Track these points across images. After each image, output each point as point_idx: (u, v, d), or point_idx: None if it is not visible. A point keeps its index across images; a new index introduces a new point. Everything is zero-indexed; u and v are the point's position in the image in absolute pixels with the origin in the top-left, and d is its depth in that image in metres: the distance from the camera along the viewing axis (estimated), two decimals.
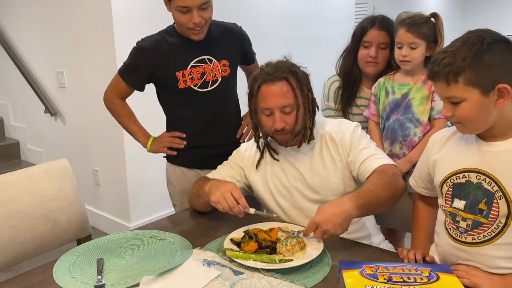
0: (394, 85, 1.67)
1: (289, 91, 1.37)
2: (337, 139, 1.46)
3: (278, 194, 1.50)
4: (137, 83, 1.74)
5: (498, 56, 0.99)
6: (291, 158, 1.49)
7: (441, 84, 1.04)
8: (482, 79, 0.99)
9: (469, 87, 1.00)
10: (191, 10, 1.53)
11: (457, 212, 1.12)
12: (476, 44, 0.99)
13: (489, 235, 1.07)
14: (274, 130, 1.40)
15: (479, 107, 1.02)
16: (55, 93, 3.29)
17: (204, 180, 1.52)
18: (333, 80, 1.92)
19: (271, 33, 3.66)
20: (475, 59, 0.98)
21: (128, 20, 2.69)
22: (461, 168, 1.12)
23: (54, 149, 3.51)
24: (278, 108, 1.37)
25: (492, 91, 1.00)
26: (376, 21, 1.75)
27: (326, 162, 1.46)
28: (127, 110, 1.81)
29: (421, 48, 1.58)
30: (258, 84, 1.39)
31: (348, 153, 1.44)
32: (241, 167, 1.57)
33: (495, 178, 1.06)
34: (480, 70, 0.98)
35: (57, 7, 3.03)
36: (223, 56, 1.70)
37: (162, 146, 1.79)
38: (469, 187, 1.10)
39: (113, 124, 2.83)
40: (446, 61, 1.01)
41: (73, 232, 1.61)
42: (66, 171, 1.62)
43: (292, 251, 1.20)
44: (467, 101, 1.02)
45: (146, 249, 1.29)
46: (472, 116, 1.04)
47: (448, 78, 1.01)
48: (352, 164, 1.43)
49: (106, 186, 3.10)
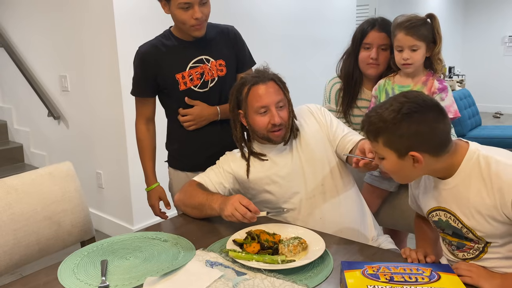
0: (394, 87, 1.68)
1: (278, 88, 1.50)
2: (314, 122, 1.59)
3: (273, 185, 1.53)
4: (147, 90, 1.75)
5: (412, 127, 1.04)
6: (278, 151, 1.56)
7: (367, 137, 1.15)
8: (396, 144, 1.07)
9: (386, 148, 1.09)
10: (193, 6, 1.55)
11: (445, 236, 1.20)
12: (394, 112, 1.05)
13: (474, 254, 1.15)
14: (271, 127, 1.47)
15: (398, 166, 1.10)
16: (58, 96, 3.32)
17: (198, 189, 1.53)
18: (334, 82, 1.93)
19: (272, 35, 3.68)
20: (397, 123, 1.05)
21: (130, 24, 2.71)
22: (432, 207, 1.20)
23: (57, 153, 3.53)
24: (274, 103, 1.46)
25: (406, 156, 1.06)
26: (376, 23, 1.76)
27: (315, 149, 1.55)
28: (147, 141, 1.82)
29: (422, 49, 1.59)
30: (248, 87, 1.48)
31: (326, 126, 1.58)
32: (230, 173, 1.58)
33: (455, 215, 1.13)
34: (396, 135, 1.06)
35: (60, 11, 3.05)
36: (219, 55, 1.71)
37: (152, 204, 1.86)
38: (443, 223, 1.17)
39: (115, 127, 2.87)
40: (371, 120, 1.10)
41: (77, 235, 1.62)
42: (70, 174, 1.63)
43: (294, 252, 1.21)
44: (387, 159, 1.10)
45: (150, 250, 1.30)
46: (395, 171, 1.12)
47: (370, 136, 1.12)
48: (332, 139, 1.57)
49: (109, 189, 3.11)
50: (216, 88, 1.73)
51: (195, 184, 1.58)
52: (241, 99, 1.50)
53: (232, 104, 1.53)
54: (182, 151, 1.83)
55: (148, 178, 1.84)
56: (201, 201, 1.48)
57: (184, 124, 1.73)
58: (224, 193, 1.59)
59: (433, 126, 1.06)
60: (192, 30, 1.61)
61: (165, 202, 1.85)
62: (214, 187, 1.57)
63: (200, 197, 1.50)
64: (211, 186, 1.57)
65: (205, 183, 1.58)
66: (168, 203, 1.86)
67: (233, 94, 1.53)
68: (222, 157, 1.64)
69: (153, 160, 1.84)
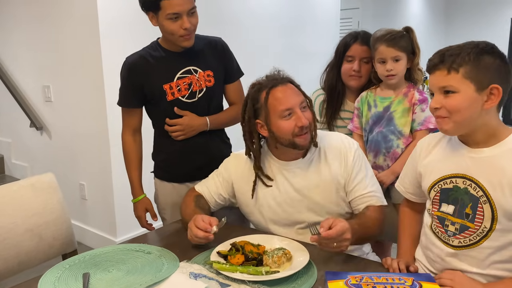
0: (376, 99, 1.71)
1: (297, 90, 1.42)
2: (339, 156, 1.45)
3: (267, 208, 1.50)
4: (134, 100, 1.74)
5: (497, 61, 1.07)
6: (286, 172, 1.47)
7: (441, 72, 1.09)
8: (479, 76, 1.05)
9: (466, 80, 1.06)
10: (181, 16, 1.56)
11: (446, 216, 1.16)
12: (481, 45, 1.07)
13: (474, 239, 1.11)
14: (298, 130, 1.37)
15: (470, 102, 1.07)
16: (41, 107, 3.28)
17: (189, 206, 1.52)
18: (318, 94, 1.96)
19: (258, 47, 3.71)
20: (478, 56, 1.05)
21: (115, 35, 2.71)
22: (449, 173, 1.16)
23: (39, 164, 3.48)
24: (298, 104, 1.38)
25: (485, 90, 1.06)
26: (358, 36, 1.81)
27: (323, 181, 1.44)
28: (134, 153, 1.81)
29: (404, 60, 1.63)
30: (267, 91, 1.39)
31: (349, 175, 1.44)
32: (229, 182, 1.56)
33: (480, 184, 1.10)
34: (480, 67, 1.05)
35: (44, 21, 3.03)
36: (207, 66, 1.72)
37: (139, 216, 1.84)
38: (456, 192, 1.14)
39: (99, 138, 2.85)
40: (452, 52, 1.07)
41: (59, 247, 1.60)
42: (52, 185, 1.61)
43: (278, 263, 1.21)
44: (460, 93, 1.07)
45: (133, 262, 1.28)
46: (462, 109, 1.07)
47: (451, 66, 1.06)
48: (349, 192, 1.45)
49: (92, 200, 3.07)
50: (205, 99, 1.73)
51: (193, 195, 1.57)
52: (259, 106, 1.40)
53: (248, 115, 1.43)
54: (169, 161, 1.82)
55: (135, 189, 1.83)
56: (189, 215, 1.47)
57: (172, 134, 1.73)
58: (225, 202, 1.59)
59: (510, 68, 1.09)
60: (181, 41, 1.62)
61: (152, 214, 1.84)
62: (212, 197, 1.57)
63: (190, 209, 1.50)
64: (209, 196, 1.57)
65: (203, 192, 1.58)
66: (154, 214, 1.85)
67: (247, 104, 1.44)
68: (225, 161, 1.60)
69: (140, 171, 1.83)
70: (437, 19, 8.13)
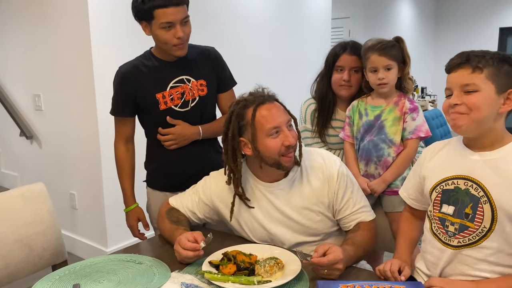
0: (367, 107, 1.73)
1: (283, 108, 1.40)
2: (321, 177, 1.43)
3: (253, 231, 1.49)
4: (127, 109, 1.74)
5: None
6: (269, 194, 1.45)
7: (465, 70, 1.13)
8: (500, 79, 1.11)
9: (488, 81, 1.11)
10: (174, 26, 1.57)
11: (446, 217, 1.18)
12: (501, 53, 1.14)
13: (474, 239, 1.13)
14: (285, 149, 1.35)
15: (490, 102, 1.11)
16: (31, 116, 3.26)
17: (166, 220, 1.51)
18: (310, 103, 1.97)
19: (249, 56, 3.73)
20: (500, 62, 1.12)
21: (106, 43, 2.70)
22: (451, 175, 1.19)
23: (29, 173, 3.45)
24: (285, 123, 1.36)
25: (503, 94, 1.11)
26: (347, 46, 1.82)
27: (307, 202, 1.43)
28: (127, 162, 1.80)
29: (395, 69, 1.65)
30: (254, 108, 1.35)
31: (335, 195, 1.43)
32: (207, 203, 1.54)
33: (481, 184, 1.13)
34: (501, 72, 1.11)
35: (35, 30, 3.03)
36: (200, 76, 1.73)
37: (131, 226, 1.83)
38: (457, 193, 1.16)
39: (90, 147, 2.84)
40: (477, 53, 1.13)
41: (49, 258, 1.58)
42: (42, 195, 1.60)
43: (270, 272, 1.21)
44: (481, 92, 1.11)
45: (124, 273, 1.27)
46: (482, 107, 1.11)
47: (477, 66, 1.11)
48: (337, 211, 1.45)
49: (83, 210, 3.05)
50: (197, 108, 1.73)
51: (165, 211, 1.56)
52: (244, 123, 1.36)
53: (232, 132, 1.38)
54: (161, 171, 1.82)
55: (127, 198, 1.82)
56: (167, 235, 1.47)
57: (165, 143, 1.73)
58: (199, 221, 1.58)
59: None
60: (174, 50, 1.63)
61: (144, 223, 1.83)
62: (187, 214, 1.56)
63: (167, 228, 1.49)
64: (184, 212, 1.56)
65: (178, 208, 1.57)
66: (146, 224, 1.84)
67: (231, 120, 1.39)
68: (204, 180, 1.57)
69: (132, 181, 1.83)
70: (427, 28, 8.24)
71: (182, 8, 1.57)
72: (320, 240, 1.47)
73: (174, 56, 1.66)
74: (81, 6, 2.63)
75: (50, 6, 2.86)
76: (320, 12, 4.62)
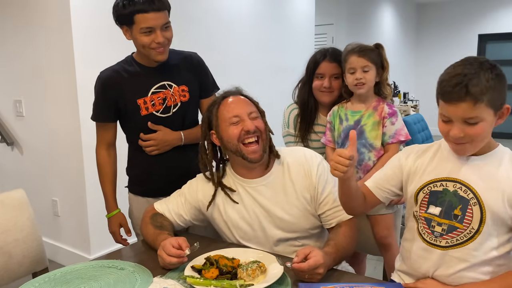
0: (347, 113, 1.75)
1: (249, 101, 1.49)
2: (302, 172, 1.47)
3: (237, 229, 1.51)
4: (108, 115, 1.73)
5: (503, 81, 1.10)
6: (252, 190, 1.49)
7: (467, 104, 1.05)
8: (496, 99, 1.08)
9: (488, 108, 1.07)
10: (155, 31, 1.57)
11: (432, 217, 1.19)
12: (493, 68, 1.07)
13: (462, 239, 1.15)
14: (244, 134, 1.41)
15: (490, 126, 1.10)
16: (12, 122, 3.21)
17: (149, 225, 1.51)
18: (292, 108, 1.99)
19: (233, 60, 3.74)
20: (496, 81, 1.06)
21: (89, 48, 2.69)
22: (439, 177, 1.20)
23: (10, 180, 3.39)
24: (246, 113, 1.44)
25: (499, 111, 1.09)
26: (327, 53, 1.85)
27: (289, 197, 1.46)
28: (108, 167, 1.79)
29: (373, 71, 1.68)
30: (218, 102, 1.47)
31: (315, 188, 1.46)
32: (193, 204, 1.55)
33: (470, 187, 1.14)
34: (496, 91, 1.06)
35: (15, 34, 2.99)
36: (182, 81, 1.73)
37: (113, 231, 1.82)
38: (445, 195, 1.17)
39: (73, 153, 2.81)
40: (474, 82, 1.04)
41: (29, 265, 1.56)
42: (23, 201, 1.58)
43: (252, 276, 1.22)
44: (484, 122, 1.08)
45: (105, 279, 1.26)
46: (484, 135, 1.10)
47: (478, 97, 1.04)
48: (318, 206, 1.47)
49: (65, 216, 3.01)
50: (179, 113, 1.74)
51: (149, 216, 1.56)
52: (212, 117, 1.48)
53: (204, 127, 1.50)
54: (143, 176, 1.81)
55: (109, 204, 1.81)
56: (151, 240, 1.47)
57: (146, 149, 1.73)
58: (185, 224, 1.59)
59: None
60: (154, 54, 1.63)
61: (126, 229, 1.82)
62: (172, 218, 1.56)
63: (150, 233, 1.49)
64: (169, 216, 1.57)
65: (163, 212, 1.57)
66: (129, 230, 1.82)
67: (204, 117, 1.52)
68: (189, 183, 1.60)
69: (114, 186, 1.82)
70: (409, 34, 8.38)
71: (163, 13, 1.58)
72: (304, 236, 1.49)
73: (155, 61, 1.66)
74: (63, 11, 2.62)
75: (32, 11, 2.83)
76: (304, 18, 4.67)
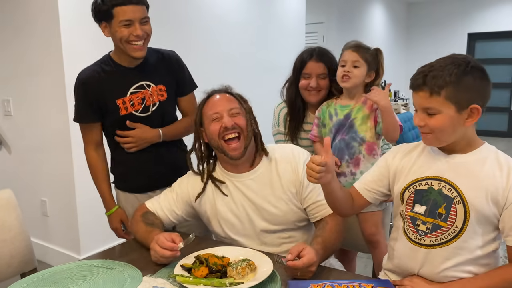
0: (337, 108, 1.76)
1: (233, 98, 1.52)
2: (289, 168, 1.50)
3: (225, 221, 1.53)
4: (91, 115, 1.73)
5: (477, 81, 1.10)
6: (239, 184, 1.52)
7: (424, 94, 1.11)
8: (460, 97, 1.09)
9: (447, 102, 1.09)
10: (133, 23, 1.58)
11: (417, 216, 1.20)
12: (462, 65, 1.09)
13: (446, 238, 1.16)
14: (223, 130, 1.44)
15: (451, 122, 1.11)
16: (0, 121, 3.17)
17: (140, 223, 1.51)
18: (282, 107, 1.99)
19: (224, 58, 3.74)
20: (459, 79, 1.08)
21: (77, 47, 2.67)
22: (424, 176, 1.21)
23: None
24: (226, 110, 1.46)
25: (465, 110, 1.10)
26: (314, 53, 1.85)
27: (276, 191, 1.49)
28: (100, 166, 1.79)
29: (363, 69, 1.68)
30: (205, 98, 1.52)
31: (301, 183, 1.48)
32: (184, 199, 1.57)
33: (454, 185, 1.15)
34: (460, 89, 1.08)
35: (3, 32, 2.96)
36: (160, 81, 1.73)
37: (115, 228, 1.82)
38: (430, 194, 1.18)
39: (62, 153, 2.78)
40: (434, 73, 1.09)
41: (17, 266, 1.54)
42: (10, 201, 1.56)
43: (242, 274, 1.22)
44: (442, 114, 1.10)
45: (94, 279, 1.26)
46: (443, 128, 1.12)
47: (433, 89, 1.09)
48: (303, 200, 1.49)
49: (54, 217, 2.98)
50: (158, 112, 1.74)
51: (140, 214, 1.56)
52: (201, 115, 1.52)
53: (196, 123, 1.54)
54: (127, 173, 1.81)
55: (107, 202, 1.81)
56: (142, 237, 1.47)
57: (124, 146, 1.73)
58: (177, 220, 1.59)
59: (489, 83, 1.12)
60: (132, 50, 1.62)
61: (127, 224, 1.81)
62: (165, 214, 1.57)
63: (141, 230, 1.49)
64: (162, 213, 1.57)
65: (155, 210, 1.57)
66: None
67: (196, 115, 1.54)
68: (180, 179, 1.62)
69: (108, 183, 1.82)
70: (399, 33, 8.43)
71: (141, 7, 1.60)
72: (291, 229, 1.51)
73: (133, 58, 1.65)
74: (52, 9, 2.59)
75: (20, 11, 2.80)
76: (294, 17, 4.68)
